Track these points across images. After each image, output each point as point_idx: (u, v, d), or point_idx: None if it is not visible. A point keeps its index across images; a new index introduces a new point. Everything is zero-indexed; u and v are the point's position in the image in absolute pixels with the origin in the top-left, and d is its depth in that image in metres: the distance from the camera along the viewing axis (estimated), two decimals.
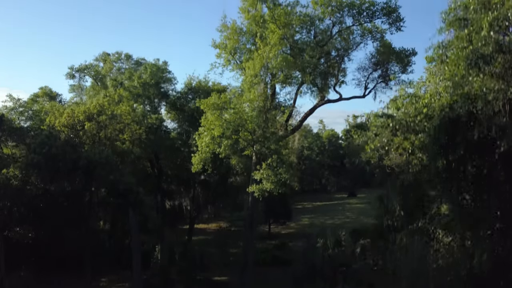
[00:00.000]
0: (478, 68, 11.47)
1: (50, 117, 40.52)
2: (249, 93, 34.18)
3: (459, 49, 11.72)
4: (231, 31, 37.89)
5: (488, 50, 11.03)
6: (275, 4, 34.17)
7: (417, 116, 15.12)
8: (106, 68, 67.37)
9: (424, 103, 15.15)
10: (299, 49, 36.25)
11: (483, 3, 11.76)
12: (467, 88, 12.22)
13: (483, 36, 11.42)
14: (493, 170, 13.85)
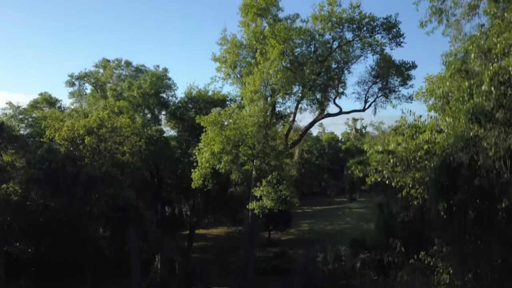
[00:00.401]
0: (479, 123, 11.49)
1: (50, 130, 40.47)
2: (249, 108, 34.23)
3: (459, 101, 11.72)
4: (231, 45, 37.94)
5: (490, 105, 11.04)
6: (275, 20, 34.12)
7: (418, 152, 15.09)
8: (106, 75, 67.32)
9: (425, 139, 15.14)
10: (299, 63, 36.26)
11: (483, 52, 11.78)
12: (468, 141, 12.25)
13: (484, 90, 11.45)
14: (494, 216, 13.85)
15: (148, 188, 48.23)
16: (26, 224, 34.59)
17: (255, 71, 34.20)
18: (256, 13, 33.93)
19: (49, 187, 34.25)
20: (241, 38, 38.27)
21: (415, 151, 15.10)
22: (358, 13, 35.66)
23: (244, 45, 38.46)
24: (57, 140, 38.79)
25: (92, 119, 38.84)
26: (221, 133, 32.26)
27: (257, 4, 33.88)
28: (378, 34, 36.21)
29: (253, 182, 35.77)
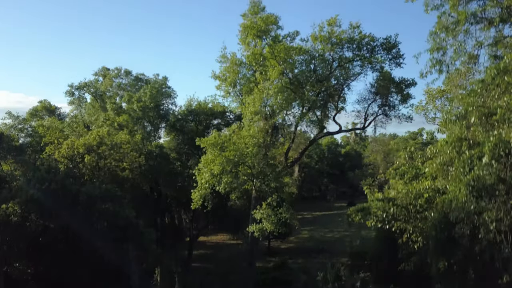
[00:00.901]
0: (480, 197, 11.45)
1: (50, 147, 40.50)
2: (249, 128, 34.25)
3: (460, 172, 11.68)
4: (230, 63, 37.98)
5: (491, 180, 11.02)
6: (275, 41, 34.07)
7: (419, 199, 15.06)
8: (106, 84, 67.29)
9: (426, 187, 15.10)
10: (299, 82, 36.27)
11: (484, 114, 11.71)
12: (469, 213, 12.22)
13: (484, 163, 11.42)
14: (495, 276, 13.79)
15: (147, 202, 48.18)
16: (26, 245, 34.51)
17: (255, 92, 34.24)
18: (256, 35, 33.88)
19: (49, 207, 34.18)
20: (241, 56, 38.34)
21: (416, 198, 15.06)
22: (358, 33, 35.70)
23: (244, 63, 38.50)
24: (57, 157, 38.76)
25: (92, 137, 38.82)
26: (221, 154, 32.30)
27: (257, 26, 33.86)
28: (378, 55, 36.09)
29: (253, 201, 35.81)
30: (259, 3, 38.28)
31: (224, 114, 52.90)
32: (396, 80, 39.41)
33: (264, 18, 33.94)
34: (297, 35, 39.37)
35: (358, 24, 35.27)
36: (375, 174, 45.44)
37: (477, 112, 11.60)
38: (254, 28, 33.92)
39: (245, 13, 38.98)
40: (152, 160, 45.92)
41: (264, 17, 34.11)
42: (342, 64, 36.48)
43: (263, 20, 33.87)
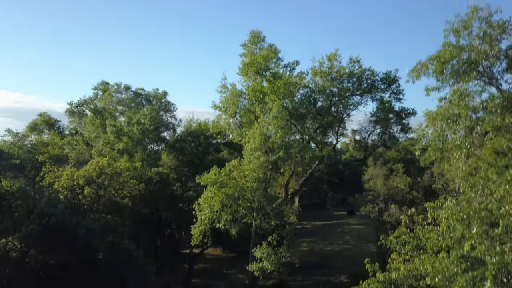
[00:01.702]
0: None
1: (50, 175, 40.50)
2: (249, 162, 34.21)
3: None
4: (230, 95, 37.91)
5: None
6: (275, 77, 33.97)
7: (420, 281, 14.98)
8: (105, 100, 67.21)
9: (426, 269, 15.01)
10: (299, 114, 36.21)
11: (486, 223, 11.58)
12: None
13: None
14: None
15: (147, 225, 48.21)
16: (26, 280, 34.47)
17: (255, 126, 34.19)
18: (256, 72, 33.82)
19: (49, 242, 34.18)
20: (241, 87, 38.31)
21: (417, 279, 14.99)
22: (358, 67, 35.59)
23: (244, 93, 38.44)
24: (56, 187, 38.74)
25: (92, 168, 38.78)
26: (221, 191, 32.29)
27: (257, 64, 33.78)
28: (378, 88, 36.02)
29: (253, 235, 35.78)
30: (259, 34, 38.26)
31: (225, 134, 52.80)
32: (396, 109, 39.25)
33: (264, 56, 33.86)
34: (297, 64, 39.41)
35: (358, 59, 35.22)
36: (375, 200, 45.57)
37: (479, 221, 11.53)
38: (253, 65, 33.85)
39: (245, 43, 38.99)
40: (152, 185, 45.90)
41: (264, 54, 34.07)
42: (342, 98, 36.36)
43: (263, 57, 33.77)
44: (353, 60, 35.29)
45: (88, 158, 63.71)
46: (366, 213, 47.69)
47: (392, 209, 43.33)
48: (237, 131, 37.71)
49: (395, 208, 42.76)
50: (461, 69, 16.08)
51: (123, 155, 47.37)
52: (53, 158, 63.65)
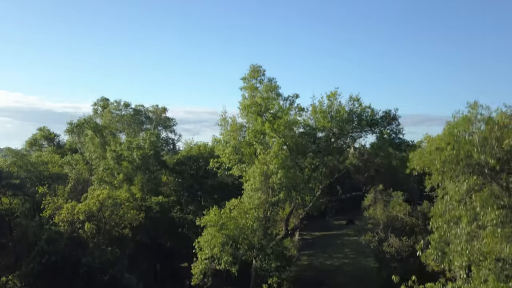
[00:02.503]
0: None
1: (51, 208, 40.54)
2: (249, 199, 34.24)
3: None
4: (231, 128, 37.96)
5: None
6: (275, 118, 33.99)
7: None
8: (105, 118, 67.32)
9: None
10: (300, 150, 36.27)
11: None
12: None
13: None
14: None
15: (147, 252, 48.26)
16: None
17: (256, 165, 34.18)
18: (256, 113, 33.85)
19: (49, 281, 34.29)
20: (242, 120, 38.40)
21: None
22: (358, 105, 35.63)
23: (245, 125, 38.53)
24: (57, 221, 38.79)
25: (92, 202, 38.79)
26: (221, 232, 32.35)
27: (257, 107, 33.89)
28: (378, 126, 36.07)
29: (253, 273, 35.86)
30: (259, 68, 38.32)
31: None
32: (396, 142, 39.28)
33: (264, 99, 33.93)
34: (296, 97, 39.45)
35: (358, 97, 35.35)
36: (374, 229, 45.53)
37: None
38: (254, 106, 33.88)
39: (245, 77, 39.02)
40: (151, 212, 45.97)
41: (264, 98, 34.12)
42: (342, 135, 36.42)
43: (263, 100, 33.83)
44: (353, 99, 35.40)
45: (88, 177, 63.94)
46: (366, 242, 47.57)
47: (392, 239, 43.30)
48: (237, 166, 37.73)
49: (395, 239, 42.80)
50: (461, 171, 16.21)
51: (123, 182, 47.35)
52: (53, 177, 63.82)
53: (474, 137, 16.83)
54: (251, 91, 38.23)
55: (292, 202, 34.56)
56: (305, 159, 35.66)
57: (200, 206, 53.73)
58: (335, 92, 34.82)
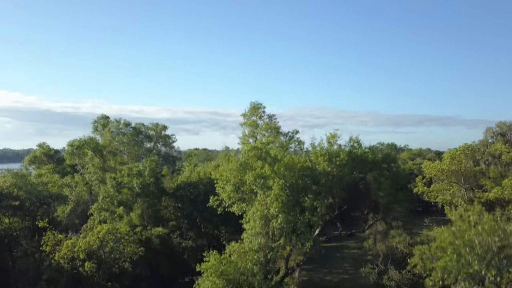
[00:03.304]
0: None
1: (51, 240, 40.58)
2: (250, 242, 34.27)
3: None
4: (231, 165, 37.95)
5: None
6: (275, 161, 34.00)
7: None
8: (105, 138, 67.32)
9: None
10: (300, 190, 36.29)
11: None
12: None
13: None
14: None
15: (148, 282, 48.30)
16: None
17: (255, 207, 34.19)
18: (256, 157, 33.86)
19: None
20: (242, 158, 38.37)
21: None
22: (358, 146, 35.65)
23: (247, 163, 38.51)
24: (57, 258, 38.84)
25: (93, 239, 38.85)
26: (221, 278, 32.36)
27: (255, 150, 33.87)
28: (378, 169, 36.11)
29: None
30: (259, 106, 38.38)
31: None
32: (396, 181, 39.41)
33: (264, 144, 33.97)
34: (296, 133, 39.47)
35: (357, 139, 35.34)
36: (374, 260, 45.77)
37: None
38: (254, 150, 33.90)
39: (245, 113, 39.07)
40: (151, 243, 46.01)
41: (265, 142, 34.15)
42: (342, 177, 36.43)
43: (263, 144, 33.82)
44: (353, 140, 35.37)
45: (88, 198, 64.06)
46: (365, 275, 47.77)
47: (392, 271, 43.43)
48: (238, 204, 37.77)
49: (394, 272, 42.92)
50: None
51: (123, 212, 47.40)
52: (52, 197, 63.87)
53: (475, 241, 16.86)
54: (252, 127, 38.25)
55: (292, 246, 34.60)
56: (306, 200, 35.63)
57: (200, 233, 53.95)
58: (335, 134, 34.90)
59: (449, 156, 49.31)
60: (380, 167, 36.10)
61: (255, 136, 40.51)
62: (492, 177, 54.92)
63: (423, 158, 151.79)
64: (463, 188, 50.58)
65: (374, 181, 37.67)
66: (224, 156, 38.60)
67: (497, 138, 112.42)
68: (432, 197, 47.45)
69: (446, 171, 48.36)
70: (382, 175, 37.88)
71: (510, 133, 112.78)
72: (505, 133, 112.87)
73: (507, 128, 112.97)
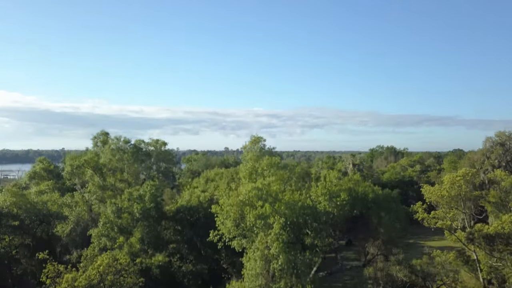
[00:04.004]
0: None
1: (51, 276, 40.50)
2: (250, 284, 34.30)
3: None
4: (232, 201, 37.96)
5: None
6: (275, 201, 34.03)
7: None
8: (105, 157, 67.26)
9: None
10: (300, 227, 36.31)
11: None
12: None
13: None
14: None
15: None
16: None
17: (256, 245, 34.19)
18: (256, 197, 33.89)
19: None
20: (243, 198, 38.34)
21: None
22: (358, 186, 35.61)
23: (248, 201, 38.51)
24: None
25: (93, 273, 38.79)
26: None
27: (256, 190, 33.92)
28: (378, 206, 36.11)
29: None
30: (259, 139, 38.42)
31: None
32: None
33: (265, 185, 33.92)
34: (296, 165, 39.36)
35: (358, 178, 35.20)
36: None
37: None
38: (255, 190, 33.94)
39: (246, 145, 39.07)
40: (152, 272, 46.02)
41: (265, 188, 34.14)
42: (342, 216, 36.44)
43: (263, 186, 33.83)
44: (354, 179, 35.30)
45: (87, 218, 64.01)
46: None
47: None
48: (238, 240, 37.78)
49: None
50: None
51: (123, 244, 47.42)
52: (52, 215, 63.90)
53: None
54: (252, 161, 38.30)
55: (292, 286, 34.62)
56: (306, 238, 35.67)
57: (200, 257, 53.96)
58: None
59: (449, 181, 49.22)
60: (380, 205, 36.09)
61: (255, 170, 40.36)
62: (493, 202, 54.98)
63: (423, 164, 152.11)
64: (463, 213, 50.59)
65: (374, 216, 37.68)
66: (224, 190, 38.53)
67: (496, 147, 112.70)
68: (432, 223, 47.40)
69: (447, 197, 48.32)
70: (382, 209, 37.92)
71: (509, 142, 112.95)
72: (504, 143, 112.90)
73: (506, 138, 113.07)
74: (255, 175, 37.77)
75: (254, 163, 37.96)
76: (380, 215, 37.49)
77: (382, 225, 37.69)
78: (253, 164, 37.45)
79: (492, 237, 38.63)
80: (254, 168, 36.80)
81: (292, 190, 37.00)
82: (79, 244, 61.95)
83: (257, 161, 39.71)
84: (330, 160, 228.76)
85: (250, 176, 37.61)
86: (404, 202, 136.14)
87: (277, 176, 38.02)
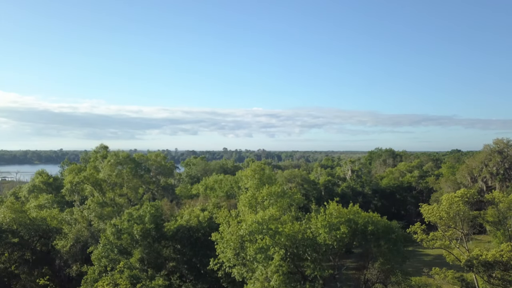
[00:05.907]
0: None
1: None
2: None
3: None
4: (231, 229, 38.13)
5: None
6: (275, 234, 34.22)
7: None
8: (105, 172, 67.35)
9: None
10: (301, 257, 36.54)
11: None
12: None
13: None
14: None
15: None
16: None
17: (256, 277, 34.38)
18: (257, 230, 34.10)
19: None
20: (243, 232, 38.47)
21: None
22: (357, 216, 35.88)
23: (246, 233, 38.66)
24: None
25: None
26: None
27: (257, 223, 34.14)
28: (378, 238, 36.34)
29: None
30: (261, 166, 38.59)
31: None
32: None
33: (266, 219, 34.12)
34: (297, 192, 39.54)
35: (357, 208, 35.47)
36: None
37: None
38: (255, 224, 34.15)
39: (246, 172, 39.20)
40: None
41: (266, 223, 34.32)
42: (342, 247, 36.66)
43: (264, 220, 34.03)
44: (353, 210, 35.54)
45: (87, 235, 64.10)
46: None
47: None
48: (238, 269, 37.94)
49: None
50: None
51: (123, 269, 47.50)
52: (52, 231, 64.16)
53: None
54: (252, 189, 38.48)
55: None
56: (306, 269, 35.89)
57: (200, 276, 54.18)
58: (334, 203, 35.14)
59: (447, 202, 49.51)
60: (379, 238, 36.32)
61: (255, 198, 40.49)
62: (491, 221, 55.35)
63: (421, 169, 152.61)
64: (461, 232, 50.91)
65: (374, 245, 37.94)
66: (224, 218, 38.69)
67: (494, 155, 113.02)
68: (431, 244, 47.70)
69: (445, 218, 48.61)
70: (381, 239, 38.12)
71: (507, 150, 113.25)
72: (502, 150, 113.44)
73: (504, 145, 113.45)
74: (255, 203, 37.90)
75: (254, 192, 38.08)
76: (380, 244, 37.75)
77: (381, 253, 37.96)
78: (253, 193, 37.56)
79: (491, 264, 38.88)
80: (254, 196, 36.91)
81: (292, 221, 37.19)
82: (79, 258, 62.22)
83: (257, 188, 39.90)
84: (329, 162, 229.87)
85: (250, 205, 37.71)
86: (402, 208, 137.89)
87: (277, 205, 38.22)
